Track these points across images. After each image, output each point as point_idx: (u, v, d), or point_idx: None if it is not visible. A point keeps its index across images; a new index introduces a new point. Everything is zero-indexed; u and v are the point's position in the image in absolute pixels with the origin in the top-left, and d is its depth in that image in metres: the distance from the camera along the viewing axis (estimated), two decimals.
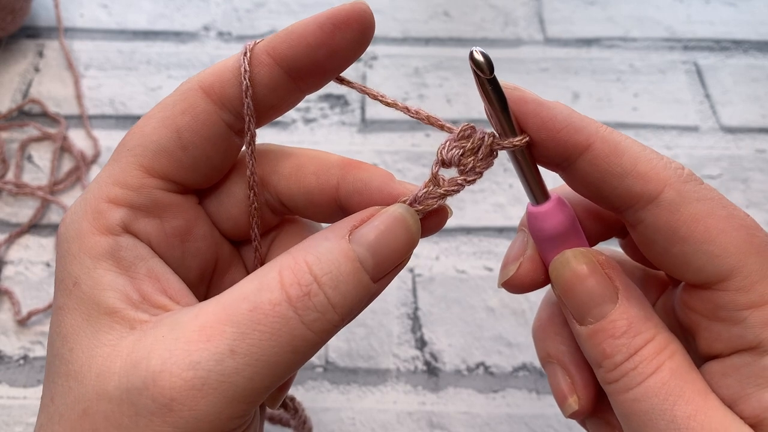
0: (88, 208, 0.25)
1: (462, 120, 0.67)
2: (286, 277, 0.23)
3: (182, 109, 0.25)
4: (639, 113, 0.68)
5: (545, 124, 0.25)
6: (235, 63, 0.25)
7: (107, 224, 0.25)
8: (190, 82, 0.26)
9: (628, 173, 0.24)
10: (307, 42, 0.25)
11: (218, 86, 0.25)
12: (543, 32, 0.75)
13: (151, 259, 0.25)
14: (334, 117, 0.67)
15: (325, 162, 0.27)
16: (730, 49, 0.74)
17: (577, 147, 0.25)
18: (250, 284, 0.23)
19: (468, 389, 0.52)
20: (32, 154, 0.64)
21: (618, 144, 0.25)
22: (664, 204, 0.24)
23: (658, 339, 0.25)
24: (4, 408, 0.50)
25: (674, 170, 0.25)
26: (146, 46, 0.73)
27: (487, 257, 0.58)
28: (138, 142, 0.26)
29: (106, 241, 0.24)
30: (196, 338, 0.22)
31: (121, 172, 0.25)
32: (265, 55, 0.25)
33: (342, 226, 0.25)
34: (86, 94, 0.69)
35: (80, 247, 0.24)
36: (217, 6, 0.77)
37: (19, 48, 0.72)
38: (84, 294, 0.24)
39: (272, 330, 0.22)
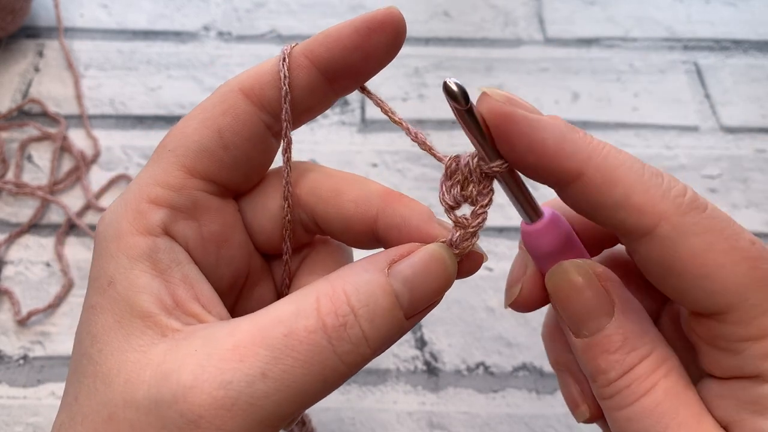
0: (129, 207, 0.25)
1: None
2: (324, 305, 0.23)
3: (223, 110, 0.26)
4: (639, 113, 0.68)
5: (533, 148, 0.23)
6: (274, 66, 0.26)
7: (147, 224, 0.24)
8: (229, 84, 0.26)
9: (621, 205, 0.23)
10: (344, 45, 0.25)
11: (258, 89, 0.26)
12: (543, 32, 0.75)
13: (187, 265, 0.25)
14: (335, 117, 0.67)
15: (366, 190, 0.27)
16: (730, 49, 0.74)
17: (568, 175, 0.23)
18: (287, 307, 0.23)
19: (468, 389, 0.52)
20: (32, 154, 0.64)
21: (612, 173, 0.23)
22: (659, 239, 0.23)
23: (654, 356, 0.24)
24: (4, 408, 0.50)
25: (672, 200, 0.23)
26: (146, 46, 0.73)
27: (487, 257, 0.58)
28: (179, 142, 0.26)
29: (145, 241, 0.24)
30: (229, 357, 0.21)
31: (162, 173, 0.25)
32: (303, 58, 0.26)
33: (381, 259, 0.24)
34: (86, 94, 0.69)
35: (118, 246, 0.24)
36: (217, 6, 0.77)
37: (19, 48, 0.72)
38: (118, 294, 0.23)
39: (305, 357, 0.22)
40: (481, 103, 0.24)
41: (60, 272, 0.57)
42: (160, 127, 0.67)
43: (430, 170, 0.64)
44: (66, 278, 0.56)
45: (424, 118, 0.67)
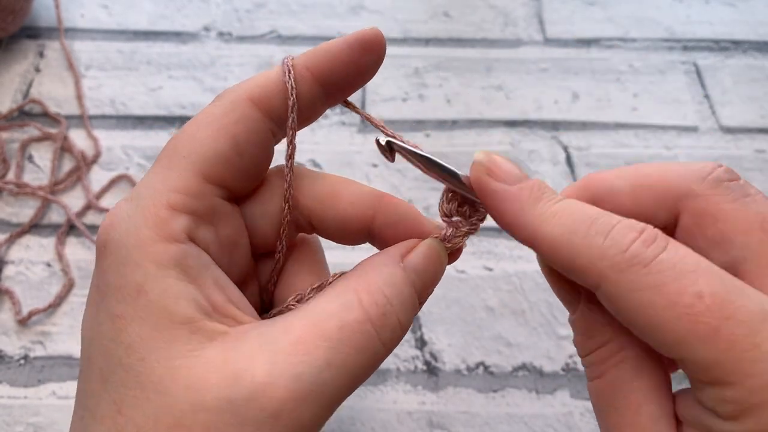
0: (148, 214, 0.25)
1: (462, 121, 0.68)
2: (365, 299, 0.25)
3: (236, 119, 0.27)
4: (638, 113, 0.69)
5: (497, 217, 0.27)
6: (278, 77, 0.27)
7: (171, 232, 0.25)
8: (237, 92, 0.27)
9: (569, 269, 0.25)
10: (341, 60, 0.28)
11: (265, 99, 0.27)
12: (543, 32, 0.76)
13: (214, 268, 0.26)
14: (334, 117, 0.68)
15: (361, 192, 0.29)
16: (730, 50, 0.74)
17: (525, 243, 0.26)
18: (332, 304, 0.25)
19: (468, 389, 0.52)
20: (33, 154, 0.64)
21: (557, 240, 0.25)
22: (605, 296, 0.24)
23: (610, 345, 0.26)
24: (5, 408, 0.50)
25: (611, 259, 0.23)
26: (147, 47, 0.73)
27: (487, 257, 0.58)
28: (194, 149, 0.26)
29: (173, 248, 0.24)
30: (294, 351, 0.23)
31: (180, 179, 0.26)
32: (305, 71, 0.28)
33: (395, 254, 0.27)
34: (87, 95, 0.69)
35: (143, 254, 0.24)
36: (217, 6, 0.77)
37: (20, 48, 0.72)
38: (152, 303, 0.23)
39: (358, 345, 0.24)
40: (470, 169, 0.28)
41: (61, 272, 0.57)
42: (160, 127, 0.67)
43: None
44: (67, 278, 0.56)
45: (424, 119, 0.68)
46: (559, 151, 0.65)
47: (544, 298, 0.56)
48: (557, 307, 0.56)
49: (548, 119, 0.68)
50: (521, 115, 0.68)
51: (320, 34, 0.75)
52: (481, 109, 0.68)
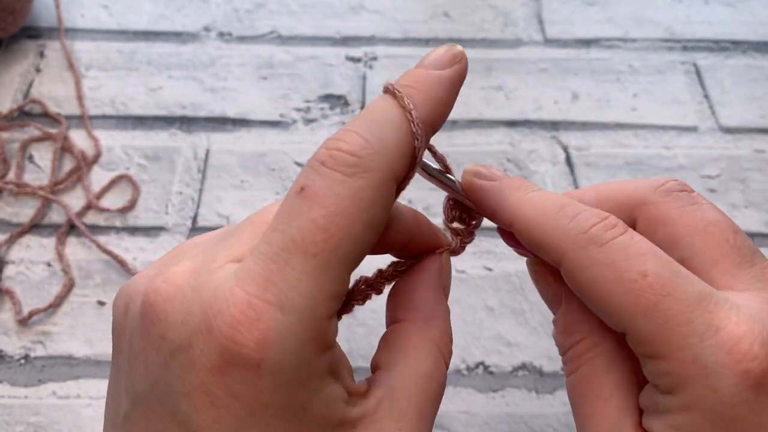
0: (310, 330, 0.22)
1: (462, 121, 0.68)
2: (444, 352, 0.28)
3: (384, 207, 0.24)
4: (638, 113, 0.69)
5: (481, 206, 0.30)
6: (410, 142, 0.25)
7: (328, 342, 0.23)
8: (382, 171, 0.24)
9: (538, 246, 0.28)
10: (450, 107, 0.27)
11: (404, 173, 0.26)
12: (542, 33, 0.76)
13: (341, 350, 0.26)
14: (335, 117, 0.68)
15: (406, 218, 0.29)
16: (729, 50, 0.74)
17: (505, 225, 0.29)
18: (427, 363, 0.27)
19: (467, 388, 0.52)
20: (33, 154, 0.64)
21: (529, 221, 0.28)
22: (565, 272, 0.27)
23: (584, 342, 0.28)
24: (5, 407, 0.50)
25: (573, 237, 0.26)
26: (147, 47, 0.73)
27: (487, 257, 0.58)
28: (350, 249, 0.23)
29: (329, 357, 0.23)
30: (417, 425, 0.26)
31: (336, 285, 0.23)
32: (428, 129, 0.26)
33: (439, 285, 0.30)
34: (87, 95, 0.69)
35: (309, 372, 0.22)
36: (217, 6, 0.77)
37: (20, 48, 0.72)
38: (317, 416, 0.23)
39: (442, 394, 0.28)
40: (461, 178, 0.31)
41: (61, 272, 0.57)
42: (160, 127, 0.67)
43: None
44: (67, 278, 0.56)
45: None
46: (558, 151, 0.65)
47: None
48: None
49: (548, 119, 0.68)
50: (521, 115, 0.68)
51: (320, 34, 0.75)
52: (480, 109, 0.68)
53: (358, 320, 0.54)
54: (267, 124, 0.66)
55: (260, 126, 0.66)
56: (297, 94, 0.69)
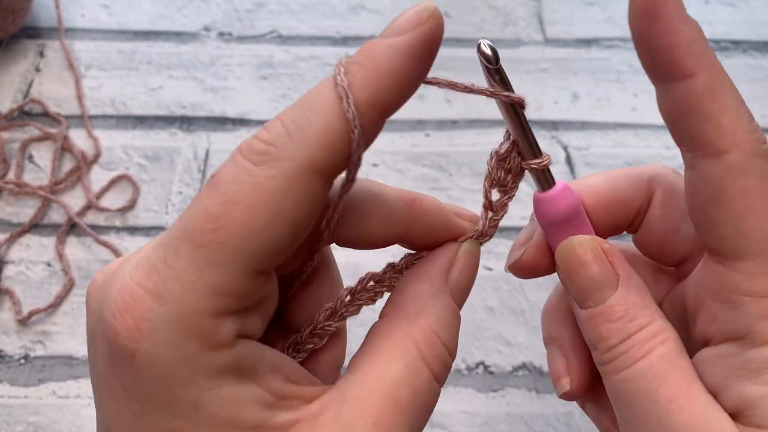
0: (190, 326, 0.20)
1: (462, 121, 0.68)
2: (427, 354, 0.24)
3: (298, 200, 0.21)
4: (638, 113, 0.69)
5: (668, 33, 0.23)
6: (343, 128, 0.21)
7: (219, 341, 0.21)
8: (295, 160, 0.21)
9: (710, 119, 0.24)
10: (411, 83, 0.23)
11: (331, 163, 0.21)
12: (543, 33, 0.76)
13: (266, 352, 0.23)
14: None
15: (391, 207, 0.26)
16: (729, 50, 0.74)
17: (683, 71, 0.24)
18: (399, 366, 0.24)
19: (468, 388, 0.52)
20: (33, 154, 0.65)
21: (719, 88, 0.24)
22: (723, 164, 0.24)
23: (653, 326, 0.26)
24: (5, 407, 0.50)
25: (753, 140, 0.24)
26: (147, 47, 0.73)
27: (487, 257, 0.58)
28: (247, 243, 0.21)
29: (224, 356, 0.21)
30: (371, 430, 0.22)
31: (227, 280, 0.21)
32: (373, 113, 0.22)
33: (439, 278, 0.26)
34: (87, 94, 0.69)
35: (193, 369, 0.21)
36: (217, 6, 0.77)
37: (20, 48, 0.72)
38: (214, 416, 0.21)
39: (429, 406, 0.24)
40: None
41: (61, 272, 0.57)
42: (160, 127, 0.67)
43: (430, 170, 0.64)
44: (67, 278, 0.56)
45: (424, 119, 0.68)
46: (559, 151, 0.65)
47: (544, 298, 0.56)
48: None
49: (548, 119, 0.68)
50: None
51: (320, 34, 0.75)
52: (481, 109, 0.68)
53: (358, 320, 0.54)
54: None
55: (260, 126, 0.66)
56: (297, 94, 0.69)
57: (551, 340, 0.31)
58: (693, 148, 0.25)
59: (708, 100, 0.24)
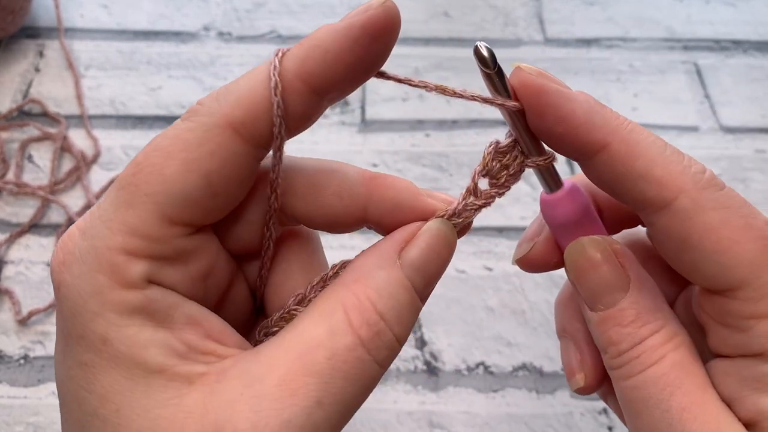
0: (102, 260, 0.22)
1: (462, 121, 0.68)
2: (355, 319, 0.22)
3: (210, 151, 0.22)
4: (639, 113, 0.69)
5: (562, 119, 0.24)
6: (265, 93, 0.22)
7: (129, 279, 0.22)
8: (214, 115, 0.22)
9: (643, 177, 0.24)
10: (344, 61, 0.22)
11: (250, 124, 0.22)
12: (543, 32, 0.76)
13: (185, 304, 0.23)
14: (334, 117, 0.67)
15: (347, 181, 0.26)
16: (730, 49, 0.74)
17: (594, 146, 0.24)
18: (319, 329, 0.22)
19: (468, 389, 0.52)
20: (32, 154, 0.64)
21: (636, 146, 0.24)
22: (676, 211, 0.23)
23: (665, 330, 0.25)
24: (5, 407, 0.50)
25: (692, 176, 0.23)
26: (146, 46, 0.73)
27: (487, 257, 0.58)
28: (159, 187, 0.22)
29: (133, 296, 0.22)
30: (279, 395, 0.21)
31: (139, 221, 0.22)
32: (299, 83, 0.22)
33: (390, 250, 0.24)
34: (86, 94, 0.69)
35: (102, 303, 0.22)
36: (217, 6, 0.77)
37: (20, 48, 0.72)
38: (120, 353, 0.22)
39: (353, 375, 0.22)
40: (514, 76, 0.24)
41: None
42: (160, 127, 0.67)
43: (430, 170, 0.64)
44: None
45: (424, 119, 0.68)
46: None
47: (544, 298, 0.56)
48: None
49: None
50: None
51: None
52: (480, 109, 0.68)
53: None
54: None
55: None
56: None
57: (564, 333, 0.31)
58: (641, 209, 0.24)
59: (632, 162, 0.24)
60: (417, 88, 0.26)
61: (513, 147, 0.26)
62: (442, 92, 0.26)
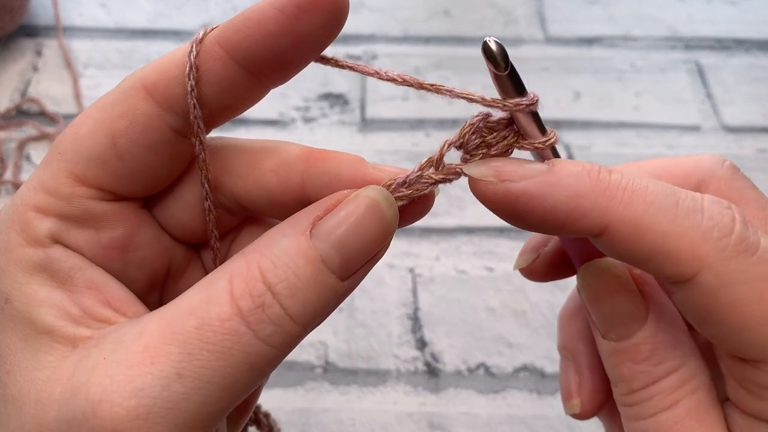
0: (16, 217, 0.22)
1: (463, 120, 0.67)
2: (237, 287, 0.20)
3: (120, 112, 0.22)
4: (640, 113, 0.68)
5: (546, 218, 0.21)
6: (183, 57, 0.22)
7: (35, 235, 0.22)
8: (132, 78, 0.23)
9: (655, 254, 0.20)
10: (267, 30, 0.21)
11: (163, 85, 0.22)
12: (544, 31, 0.75)
13: (89, 269, 0.23)
14: (334, 116, 0.67)
15: (285, 156, 0.24)
16: (732, 49, 0.74)
17: (590, 232, 0.21)
18: (198, 295, 0.21)
19: (468, 390, 0.51)
20: (30, 154, 0.64)
21: (638, 221, 0.20)
22: (699, 287, 0.20)
23: (682, 370, 0.23)
24: None
25: (715, 243, 0.20)
26: (145, 45, 0.73)
27: (488, 257, 0.58)
28: (71, 146, 0.22)
29: (36, 253, 0.22)
30: (138, 361, 0.20)
31: (50, 179, 0.22)
32: (217, 48, 0.22)
33: (302, 219, 0.22)
34: (85, 93, 0.68)
35: (9, 259, 0.22)
36: (216, 5, 0.77)
37: (18, 47, 0.72)
38: (17, 312, 0.21)
39: (223, 349, 0.20)
40: (473, 189, 0.22)
41: None
42: None
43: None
44: None
45: (425, 118, 0.67)
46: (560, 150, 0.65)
47: (545, 299, 0.56)
48: (558, 307, 0.56)
49: (550, 118, 0.68)
50: None
51: None
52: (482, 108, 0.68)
53: (358, 321, 0.54)
54: (266, 123, 0.66)
55: (259, 125, 0.66)
56: (296, 93, 0.69)
57: (566, 351, 0.29)
58: (663, 282, 0.22)
59: (639, 242, 0.20)
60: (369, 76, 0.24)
61: (506, 125, 0.23)
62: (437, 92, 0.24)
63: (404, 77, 0.23)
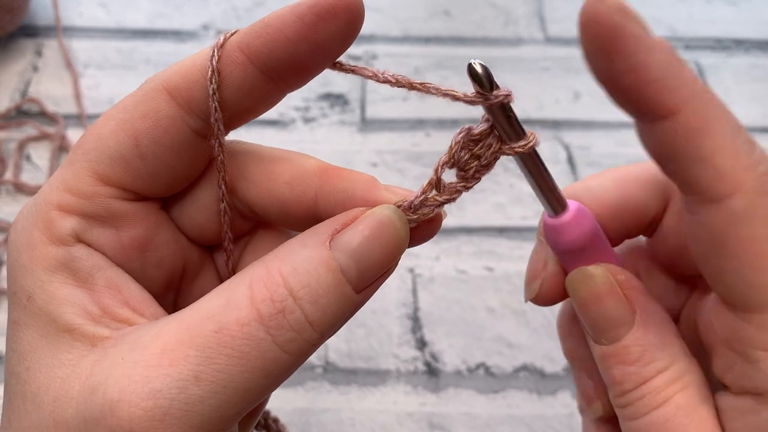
0: (39, 215, 0.23)
1: (463, 120, 0.67)
2: (258, 292, 0.21)
3: (143, 113, 0.23)
4: None
5: (635, 70, 0.20)
6: (204, 61, 0.23)
7: (58, 234, 0.23)
8: (155, 80, 0.23)
9: (704, 160, 0.20)
10: (286, 37, 0.22)
11: (185, 88, 0.23)
12: (544, 31, 0.75)
13: (110, 269, 0.23)
14: (334, 116, 0.67)
15: (300, 170, 0.24)
16: (732, 49, 0.74)
17: (662, 109, 0.20)
18: (217, 300, 0.21)
19: (468, 390, 0.51)
20: (31, 154, 0.64)
21: (708, 122, 0.20)
22: (725, 211, 0.20)
23: (672, 369, 0.23)
24: None
25: (758, 176, 0.20)
26: (145, 45, 0.73)
27: (488, 257, 0.58)
28: (93, 145, 0.23)
29: (59, 251, 0.22)
30: (156, 363, 0.20)
31: (73, 178, 0.23)
32: (238, 53, 0.23)
33: (322, 231, 0.22)
34: (85, 94, 0.68)
35: (32, 258, 0.22)
36: (216, 5, 0.77)
37: (18, 47, 0.72)
38: (39, 309, 0.22)
39: (241, 353, 0.20)
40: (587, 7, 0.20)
41: None
42: None
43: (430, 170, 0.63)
44: None
45: (425, 118, 0.67)
46: (560, 151, 0.65)
47: None
48: (558, 307, 0.56)
49: (549, 118, 0.68)
50: (522, 114, 0.68)
51: None
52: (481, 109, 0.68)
53: (358, 321, 0.54)
54: (265, 123, 0.66)
55: (258, 125, 0.66)
56: (296, 93, 0.69)
57: (573, 359, 0.29)
58: (689, 193, 0.22)
59: (697, 139, 0.20)
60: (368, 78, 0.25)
61: (488, 134, 0.23)
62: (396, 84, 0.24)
63: (397, 78, 0.24)
